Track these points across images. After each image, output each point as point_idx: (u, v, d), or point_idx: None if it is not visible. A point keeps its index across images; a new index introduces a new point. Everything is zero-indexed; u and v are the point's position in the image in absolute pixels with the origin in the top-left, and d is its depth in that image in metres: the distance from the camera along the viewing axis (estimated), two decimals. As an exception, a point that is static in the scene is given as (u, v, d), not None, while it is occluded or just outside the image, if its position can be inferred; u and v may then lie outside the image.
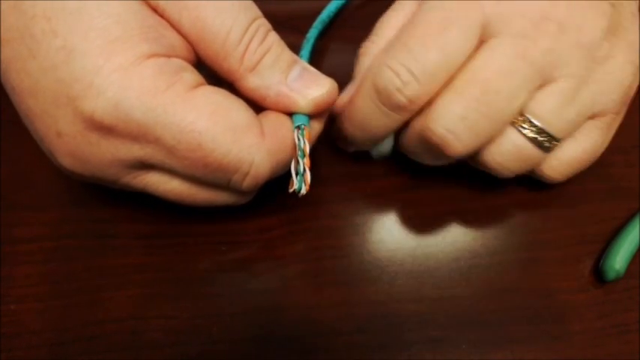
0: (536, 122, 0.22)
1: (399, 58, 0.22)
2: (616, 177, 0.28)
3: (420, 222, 0.27)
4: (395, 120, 0.23)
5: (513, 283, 0.25)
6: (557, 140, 0.23)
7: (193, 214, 0.26)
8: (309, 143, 0.22)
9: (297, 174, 0.22)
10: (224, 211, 0.25)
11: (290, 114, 0.22)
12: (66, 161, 0.20)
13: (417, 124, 0.23)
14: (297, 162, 0.22)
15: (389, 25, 0.25)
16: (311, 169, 0.22)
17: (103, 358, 0.23)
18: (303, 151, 0.22)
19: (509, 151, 0.23)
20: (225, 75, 0.21)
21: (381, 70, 0.22)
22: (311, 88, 0.21)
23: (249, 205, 0.25)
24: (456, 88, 0.22)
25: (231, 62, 0.20)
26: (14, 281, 0.25)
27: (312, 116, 0.22)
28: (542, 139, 0.23)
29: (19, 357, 0.23)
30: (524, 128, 0.22)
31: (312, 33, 0.28)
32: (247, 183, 0.21)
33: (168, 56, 0.20)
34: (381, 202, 0.27)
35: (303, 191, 0.22)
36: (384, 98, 0.22)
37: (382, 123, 0.23)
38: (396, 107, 0.22)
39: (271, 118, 0.21)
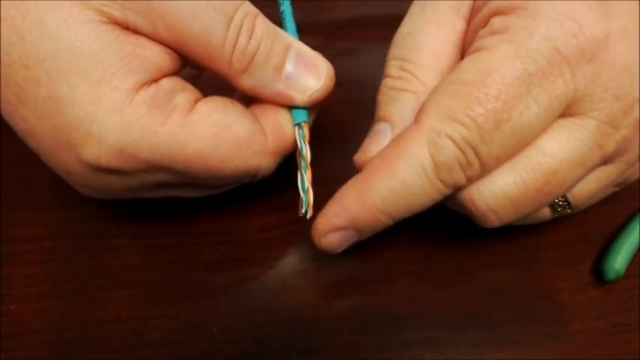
0: (570, 200, 0.21)
1: (461, 132, 0.18)
2: (616, 177, 0.28)
3: (420, 222, 0.27)
4: (443, 195, 0.20)
5: (513, 283, 0.25)
6: (573, 210, 0.22)
7: (193, 214, 0.26)
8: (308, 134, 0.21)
9: (303, 190, 0.21)
10: (224, 211, 0.25)
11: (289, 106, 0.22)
12: (82, 190, 0.21)
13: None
14: (302, 175, 0.21)
15: (425, 47, 0.21)
16: (313, 185, 0.21)
17: (103, 358, 0.23)
18: (306, 160, 0.21)
19: (532, 217, 0.22)
20: (218, 75, 0.20)
21: (443, 141, 0.18)
22: (307, 80, 0.21)
23: (249, 205, 0.25)
24: (517, 167, 0.19)
25: (219, 65, 0.19)
26: (14, 281, 0.25)
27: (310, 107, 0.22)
28: (562, 209, 0.22)
29: (19, 357, 0.23)
30: (556, 203, 0.21)
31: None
32: (257, 179, 0.22)
33: (157, 80, 0.19)
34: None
35: (309, 216, 0.22)
36: (444, 174, 0.19)
37: (429, 198, 0.20)
38: (454, 185, 0.19)
39: (270, 116, 0.21)
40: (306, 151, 0.21)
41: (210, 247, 0.26)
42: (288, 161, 0.22)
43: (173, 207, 0.26)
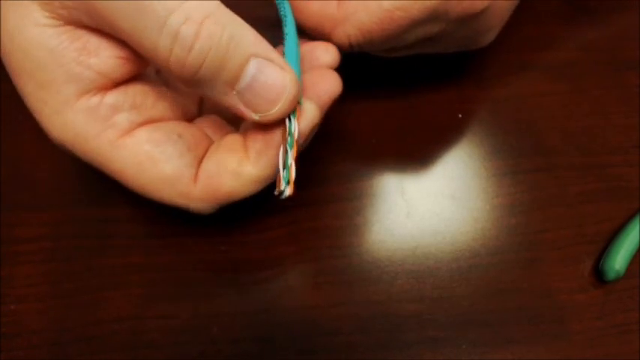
0: None
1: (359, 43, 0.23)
2: (616, 177, 0.28)
3: (420, 222, 0.27)
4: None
5: (513, 283, 0.25)
6: None
7: (193, 214, 0.26)
8: (305, 127, 0.20)
9: (284, 167, 0.20)
10: (224, 211, 0.25)
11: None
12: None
13: None
14: (286, 152, 0.19)
15: None
16: (297, 162, 0.20)
17: (103, 358, 0.23)
18: (293, 137, 0.19)
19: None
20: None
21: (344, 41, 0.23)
22: (262, 101, 0.18)
23: (249, 205, 0.25)
24: None
25: (163, 70, 0.18)
26: (14, 281, 0.25)
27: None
28: None
29: (19, 357, 0.23)
30: None
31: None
32: (194, 212, 0.21)
33: (102, 88, 0.19)
34: (381, 201, 0.27)
35: (287, 193, 0.20)
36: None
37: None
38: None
39: (214, 161, 0.20)
40: (295, 128, 0.19)
41: (210, 247, 0.26)
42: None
43: (173, 207, 0.26)
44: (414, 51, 0.26)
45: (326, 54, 0.23)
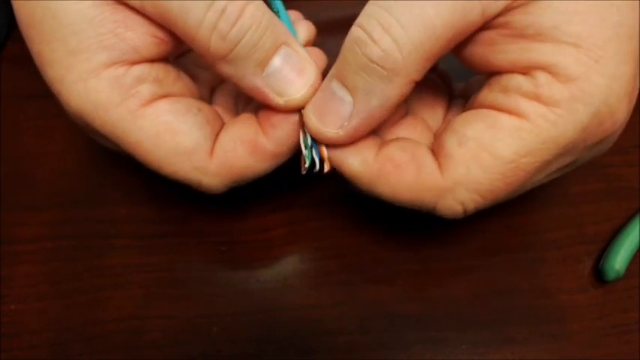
0: None
1: (478, 202, 0.19)
2: (616, 177, 0.28)
3: (419, 222, 0.27)
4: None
5: (513, 283, 0.25)
6: None
7: (193, 214, 0.26)
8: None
9: (306, 147, 0.20)
10: (224, 212, 0.25)
11: None
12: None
13: None
14: (304, 132, 0.20)
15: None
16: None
17: (103, 358, 0.23)
18: None
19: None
20: (200, 56, 0.20)
21: (457, 207, 0.19)
22: (289, 85, 0.19)
23: (249, 206, 0.25)
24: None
25: (198, 47, 0.19)
26: (14, 281, 0.25)
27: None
28: None
29: (19, 357, 0.23)
30: None
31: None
32: (206, 192, 0.21)
33: (130, 62, 0.19)
34: (381, 202, 0.27)
35: (326, 169, 0.20)
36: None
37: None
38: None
39: (231, 134, 0.21)
40: None
41: (210, 247, 0.26)
42: (287, 162, 0.22)
43: (173, 207, 0.26)
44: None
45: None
